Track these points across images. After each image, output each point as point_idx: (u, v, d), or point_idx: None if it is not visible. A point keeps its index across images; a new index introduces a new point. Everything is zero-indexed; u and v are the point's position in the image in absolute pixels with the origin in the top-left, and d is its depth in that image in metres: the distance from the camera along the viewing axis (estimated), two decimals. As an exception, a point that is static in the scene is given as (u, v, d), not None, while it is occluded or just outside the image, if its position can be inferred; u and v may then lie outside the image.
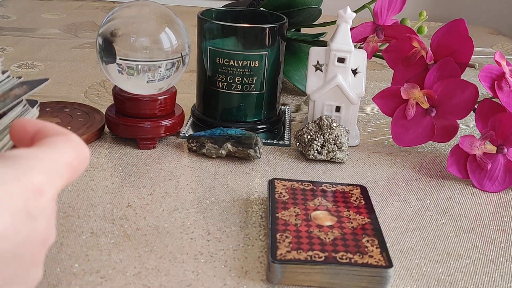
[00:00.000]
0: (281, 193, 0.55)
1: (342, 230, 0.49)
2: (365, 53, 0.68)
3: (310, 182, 0.57)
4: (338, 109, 0.68)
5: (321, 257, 0.45)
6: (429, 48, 0.67)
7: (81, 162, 0.34)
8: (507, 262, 0.50)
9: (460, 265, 0.49)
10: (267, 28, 0.67)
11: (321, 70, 0.68)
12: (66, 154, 0.33)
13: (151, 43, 0.62)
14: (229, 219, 0.54)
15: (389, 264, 0.45)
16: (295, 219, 0.50)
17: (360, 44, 0.74)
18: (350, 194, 0.55)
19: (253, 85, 0.68)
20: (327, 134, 0.65)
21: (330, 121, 0.65)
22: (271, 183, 0.56)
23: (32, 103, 0.45)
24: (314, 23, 0.84)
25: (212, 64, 0.68)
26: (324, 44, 0.77)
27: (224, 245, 0.50)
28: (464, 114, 0.65)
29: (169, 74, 0.64)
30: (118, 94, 0.66)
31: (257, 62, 0.67)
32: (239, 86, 0.68)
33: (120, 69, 0.62)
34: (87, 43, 1.13)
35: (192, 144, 0.66)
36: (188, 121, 0.74)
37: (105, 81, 0.90)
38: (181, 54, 0.64)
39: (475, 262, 0.50)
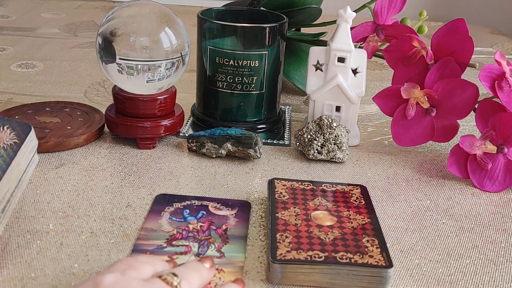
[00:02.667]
0: (281, 193, 0.55)
1: (342, 230, 0.49)
2: (365, 53, 0.68)
3: (310, 182, 0.57)
4: (338, 108, 0.68)
5: (321, 257, 0.45)
6: (429, 48, 0.67)
7: None
8: (507, 262, 0.50)
9: (460, 265, 0.49)
10: (267, 28, 0.67)
11: (321, 70, 0.68)
12: None
13: (151, 42, 0.62)
14: (229, 219, 0.54)
15: (389, 264, 0.45)
16: (295, 219, 0.50)
17: (360, 44, 0.74)
18: (350, 194, 0.55)
19: (253, 85, 0.68)
20: (327, 134, 0.65)
21: (330, 121, 0.65)
22: (271, 183, 0.56)
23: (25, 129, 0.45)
24: (314, 22, 0.84)
25: (212, 64, 0.68)
26: (324, 43, 0.77)
27: (224, 245, 0.50)
28: (465, 114, 0.65)
29: (169, 74, 0.64)
30: (118, 94, 0.65)
31: (257, 61, 0.67)
32: (239, 86, 0.68)
33: (120, 69, 0.62)
34: (87, 42, 1.13)
35: (192, 144, 0.66)
36: (188, 121, 0.74)
37: (105, 80, 0.90)
38: (181, 53, 0.64)
39: (475, 262, 0.50)
